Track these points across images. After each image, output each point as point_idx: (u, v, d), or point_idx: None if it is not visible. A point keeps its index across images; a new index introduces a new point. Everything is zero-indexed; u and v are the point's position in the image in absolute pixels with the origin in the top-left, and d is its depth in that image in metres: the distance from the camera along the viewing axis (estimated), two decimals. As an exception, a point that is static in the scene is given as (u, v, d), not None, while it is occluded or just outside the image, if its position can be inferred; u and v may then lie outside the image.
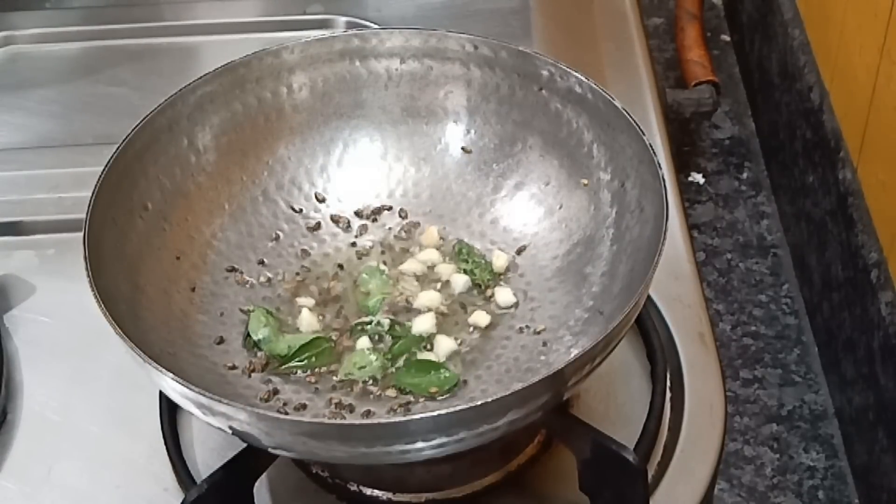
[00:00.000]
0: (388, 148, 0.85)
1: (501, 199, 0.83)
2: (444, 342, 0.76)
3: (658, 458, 0.77)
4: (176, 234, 0.79)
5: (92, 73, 1.10)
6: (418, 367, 0.74)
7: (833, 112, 1.56)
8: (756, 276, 1.70)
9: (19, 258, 0.92)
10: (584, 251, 0.79)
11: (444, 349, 0.76)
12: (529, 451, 0.77)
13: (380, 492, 0.75)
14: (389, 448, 0.65)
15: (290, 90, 0.84)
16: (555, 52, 0.92)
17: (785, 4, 1.74)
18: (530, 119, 0.82)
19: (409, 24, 1.08)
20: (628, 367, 0.82)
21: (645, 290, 0.68)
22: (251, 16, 1.14)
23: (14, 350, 0.85)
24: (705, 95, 1.62)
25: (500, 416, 0.64)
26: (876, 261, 1.40)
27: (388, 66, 0.84)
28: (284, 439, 0.66)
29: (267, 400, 0.73)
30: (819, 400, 1.55)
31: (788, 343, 1.62)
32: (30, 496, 0.78)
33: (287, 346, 0.75)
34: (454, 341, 0.76)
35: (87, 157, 0.94)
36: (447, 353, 0.76)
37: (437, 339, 0.76)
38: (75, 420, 0.81)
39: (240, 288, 0.80)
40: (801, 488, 1.46)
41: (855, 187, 1.47)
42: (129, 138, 0.76)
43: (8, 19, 1.14)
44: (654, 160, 0.73)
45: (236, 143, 0.83)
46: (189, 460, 0.78)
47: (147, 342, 0.69)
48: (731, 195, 1.81)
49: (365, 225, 0.84)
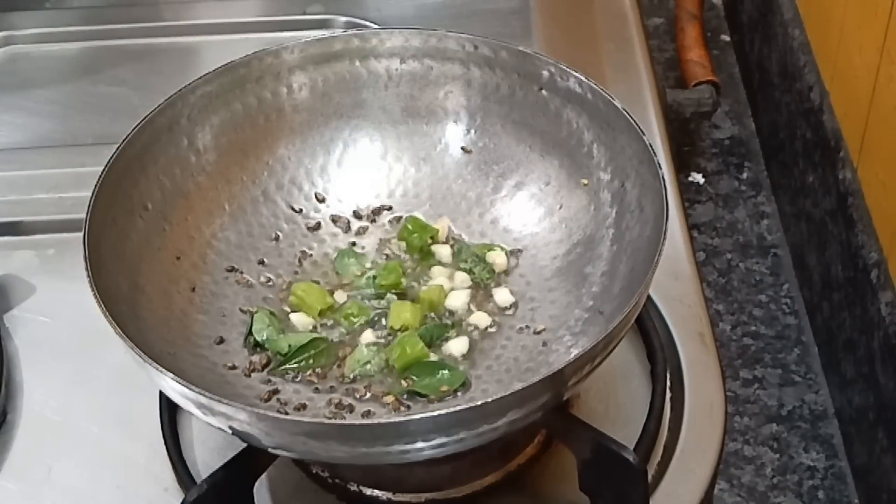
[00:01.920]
0: (388, 148, 0.85)
1: (501, 199, 0.83)
2: (459, 342, 0.76)
3: (658, 458, 0.77)
4: (176, 234, 0.79)
5: (92, 73, 1.10)
6: (422, 370, 0.74)
7: (833, 112, 1.56)
8: (756, 276, 1.70)
9: (19, 258, 0.92)
10: (584, 251, 0.79)
11: (458, 349, 0.76)
12: (529, 451, 0.77)
13: (380, 492, 0.76)
14: (389, 448, 0.65)
15: (290, 90, 0.84)
16: (555, 52, 0.92)
17: (785, 4, 1.74)
18: (530, 119, 0.82)
19: (409, 24, 1.08)
20: (628, 367, 0.82)
21: (645, 290, 0.68)
22: (251, 16, 1.14)
23: (14, 350, 0.85)
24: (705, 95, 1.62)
25: (500, 416, 0.64)
26: (876, 261, 1.40)
27: (388, 66, 0.84)
28: (284, 439, 0.66)
29: (267, 400, 0.73)
30: (819, 400, 1.55)
31: (788, 343, 1.62)
32: (30, 496, 0.78)
33: (288, 346, 0.75)
34: (467, 340, 0.76)
35: (87, 157, 0.94)
36: (461, 353, 0.76)
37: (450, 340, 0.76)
38: (75, 420, 0.81)
39: (240, 288, 0.80)
40: (801, 488, 1.46)
41: (855, 187, 1.47)
42: (129, 138, 0.76)
43: (8, 19, 1.14)
44: (654, 160, 0.73)
45: (236, 143, 0.83)
46: (189, 460, 0.78)
47: (147, 342, 0.69)
48: (731, 195, 1.81)
49: (365, 225, 0.84)
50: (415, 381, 0.74)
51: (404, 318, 0.77)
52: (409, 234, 0.81)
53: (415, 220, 0.82)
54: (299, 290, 0.78)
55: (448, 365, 0.74)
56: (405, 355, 0.74)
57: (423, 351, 0.75)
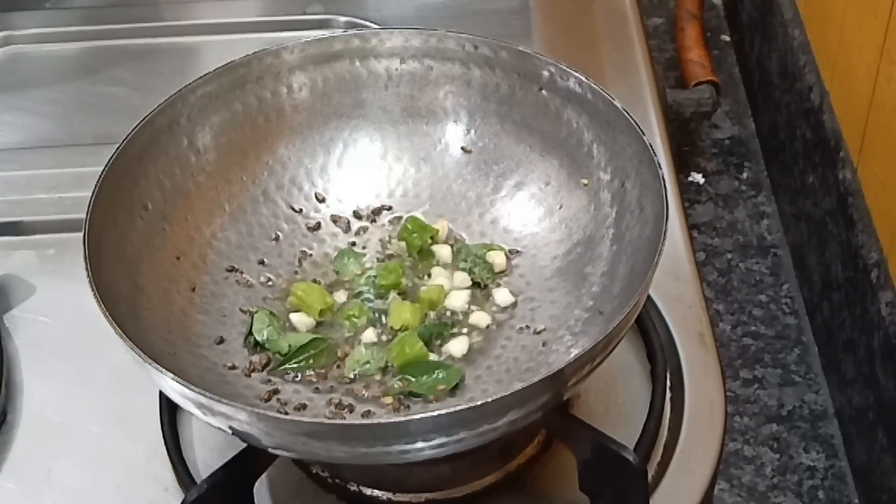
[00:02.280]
0: (388, 148, 0.85)
1: (501, 199, 0.83)
2: (458, 342, 0.76)
3: (658, 458, 0.77)
4: (176, 234, 0.79)
5: (92, 73, 1.10)
6: (419, 369, 0.74)
7: (833, 112, 1.56)
8: (756, 276, 1.70)
9: (19, 258, 0.92)
10: (584, 251, 0.79)
11: (458, 349, 0.76)
12: (529, 451, 0.77)
13: (380, 492, 0.75)
14: (389, 448, 0.64)
15: (290, 90, 0.84)
16: (555, 52, 0.92)
17: (785, 4, 1.74)
18: (530, 119, 0.82)
19: (409, 24, 1.08)
20: (628, 367, 0.82)
21: (645, 290, 0.68)
22: (251, 16, 1.14)
23: (14, 350, 0.85)
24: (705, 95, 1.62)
25: (500, 416, 0.64)
26: (876, 261, 1.40)
27: (388, 66, 0.84)
28: (284, 439, 0.66)
29: (267, 400, 0.73)
30: (819, 400, 1.55)
31: (788, 343, 1.62)
32: (30, 496, 0.78)
33: (288, 346, 0.75)
34: (467, 340, 0.76)
35: (87, 157, 0.94)
36: (462, 353, 0.76)
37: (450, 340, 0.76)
38: (75, 420, 0.81)
39: (240, 288, 0.80)
40: (801, 488, 1.46)
41: (855, 187, 1.47)
42: (129, 138, 0.76)
43: (8, 19, 1.14)
44: (654, 160, 0.73)
45: (236, 143, 0.83)
46: (189, 460, 0.78)
47: (147, 342, 0.69)
48: (731, 195, 1.81)
49: (365, 225, 0.84)
50: (411, 381, 0.74)
51: (404, 318, 0.77)
52: (409, 234, 0.81)
53: (415, 220, 0.82)
54: (299, 290, 0.78)
55: (444, 364, 0.74)
56: (404, 354, 0.74)
57: (422, 350, 0.75)
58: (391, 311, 0.77)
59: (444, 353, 0.76)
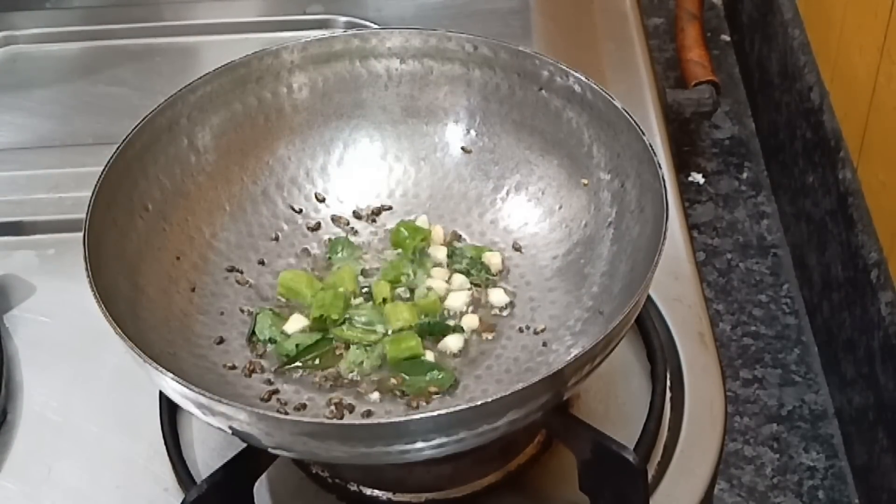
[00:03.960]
0: (388, 148, 0.85)
1: (501, 199, 0.83)
2: (455, 338, 0.76)
3: (658, 458, 0.77)
4: (176, 234, 0.79)
5: (92, 73, 1.10)
6: (412, 368, 0.74)
7: (833, 112, 1.56)
8: (756, 276, 1.70)
9: (19, 258, 0.92)
10: (584, 251, 0.79)
11: (455, 344, 0.76)
12: (529, 451, 0.77)
13: (380, 492, 0.76)
14: (389, 448, 0.65)
15: (290, 90, 0.84)
16: (555, 52, 0.92)
17: (785, 4, 1.74)
18: (530, 119, 0.82)
19: (409, 24, 1.08)
20: (628, 367, 0.82)
21: (645, 290, 0.68)
22: (251, 16, 1.14)
23: (14, 350, 0.85)
24: (705, 95, 1.62)
25: (500, 416, 0.64)
26: (876, 261, 1.40)
27: (388, 66, 0.84)
28: (284, 439, 0.66)
29: (267, 400, 0.73)
30: (819, 400, 1.55)
31: (788, 343, 1.62)
32: (30, 496, 0.78)
33: (295, 346, 0.75)
34: (463, 337, 0.76)
35: (87, 157, 0.94)
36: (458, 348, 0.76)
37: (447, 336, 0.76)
38: (75, 420, 0.81)
39: (240, 288, 0.80)
40: (801, 488, 1.46)
41: (855, 187, 1.47)
42: (129, 138, 0.76)
43: (8, 19, 1.14)
44: (654, 160, 0.73)
45: (236, 143, 0.83)
46: (189, 460, 0.78)
47: (147, 342, 0.69)
48: (731, 195, 1.81)
49: (365, 225, 0.84)
50: (405, 379, 0.74)
51: (403, 318, 0.77)
52: (402, 238, 0.81)
53: (406, 224, 0.82)
54: (286, 280, 0.78)
55: (439, 365, 0.74)
56: (398, 349, 0.74)
57: (417, 346, 0.75)
58: (390, 312, 0.77)
59: (440, 348, 0.76)
